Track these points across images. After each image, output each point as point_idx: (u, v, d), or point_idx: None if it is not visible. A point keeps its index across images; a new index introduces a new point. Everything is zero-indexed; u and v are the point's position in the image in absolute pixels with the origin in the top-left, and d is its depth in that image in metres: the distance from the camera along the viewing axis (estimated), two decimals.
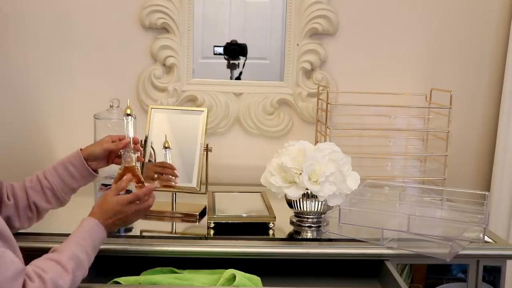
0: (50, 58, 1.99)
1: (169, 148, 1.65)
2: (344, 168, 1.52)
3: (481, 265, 1.46)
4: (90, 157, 1.40)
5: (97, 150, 1.41)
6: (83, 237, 1.19)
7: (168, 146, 1.65)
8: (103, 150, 1.40)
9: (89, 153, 1.40)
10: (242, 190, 1.83)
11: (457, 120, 2.01)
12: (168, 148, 1.65)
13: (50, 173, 1.39)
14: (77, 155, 1.40)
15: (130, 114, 1.43)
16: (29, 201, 1.37)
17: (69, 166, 1.39)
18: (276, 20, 2.06)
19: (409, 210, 1.51)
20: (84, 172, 1.40)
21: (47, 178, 1.38)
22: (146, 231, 1.55)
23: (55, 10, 1.97)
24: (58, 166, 1.40)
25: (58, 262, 1.11)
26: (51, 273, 1.08)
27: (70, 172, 1.39)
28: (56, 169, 1.39)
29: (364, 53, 2.05)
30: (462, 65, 2.08)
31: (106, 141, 1.42)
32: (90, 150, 1.41)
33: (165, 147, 1.65)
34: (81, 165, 1.39)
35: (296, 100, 2.05)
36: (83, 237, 1.19)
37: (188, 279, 1.32)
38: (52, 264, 1.10)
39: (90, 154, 1.40)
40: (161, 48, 1.98)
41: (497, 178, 2.02)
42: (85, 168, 1.40)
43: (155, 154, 1.66)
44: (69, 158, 1.41)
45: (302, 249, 1.44)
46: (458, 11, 2.05)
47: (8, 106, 2.01)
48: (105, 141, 1.42)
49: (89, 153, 1.40)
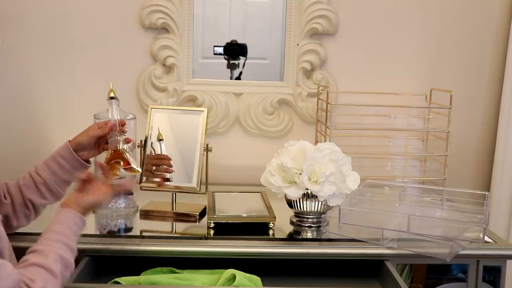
0: (50, 58, 1.99)
1: (163, 140, 1.65)
2: (344, 168, 1.52)
3: (481, 265, 1.46)
4: (79, 147, 1.39)
5: (85, 139, 1.40)
6: (67, 234, 1.17)
7: (162, 138, 1.65)
8: (90, 137, 1.40)
9: (77, 143, 1.39)
10: (242, 190, 1.83)
11: (457, 120, 2.01)
12: (161, 141, 1.65)
13: (42, 168, 1.38)
14: (66, 147, 1.39)
15: (114, 97, 1.43)
16: (24, 199, 1.36)
17: (60, 159, 1.38)
18: (276, 20, 2.06)
19: (409, 210, 1.51)
20: (75, 163, 1.39)
21: (39, 174, 1.37)
22: (146, 231, 1.55)
23: (55, 10, 1.97)
24: (49, 160, 1.39)
25: (45, 268, 1.08)
26: (39, 281, 1.05)
27: (61, 165, 1.38)
28: (47, 164, 1.38)
29: (364, 53, 2.05)
30: (462, 65, 2.08)
31: (93, 128, 1.41)
32: (78, 140, 1.40)
33: (159, 140, 1.65)
34: (71, 156, 1.38)
35: (296, 100, 2.05)
36: (66, 234, 1.17)
37: (188, 279, 1.32)
38: (39, 271, 1.07)
39: (78, 144, 1.39)
40: (161, 48, 1.98)
41: (497, 178, 2.02)
42: (75, 159, 1.39)
43: (155, 153, 1.66)
44: (59, 151, 1.39)
45: (302, 249, 1.44)
46: (458, 11, 2.05)
47: (8, 106, 2.01)
48: (92, 129, 1.41)
49: (77, 143, 1.39)
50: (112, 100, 1.42)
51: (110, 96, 1.42)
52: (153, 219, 1.63)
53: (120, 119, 1.42)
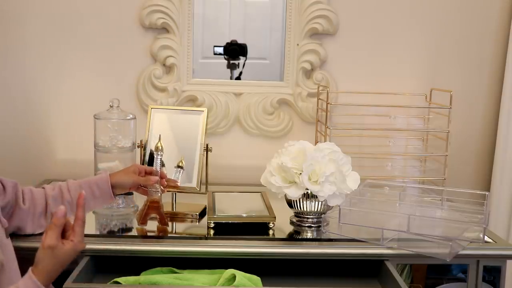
0: (50, 58, 1.99)
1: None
2: (344, 168, 1.52)
3: (481, 265, 1.46)
4: (118, 186, 1.45)
5: (126, 182, 1.46)
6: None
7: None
8: (132, 182, 1.46)
9: (118, 182, 1.45)
10: (242, 190, 1.83)
11: (457, 120, 2.01)
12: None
13: (75, 188, 1.41)
14: (105, 180, 1.43)
15: (160, 149, 1.50)
16: (47, 209, 1.39)
17: (95, 188, 1.42)
18: (276, 20, 2.06)
19: (409, 210, 1.51)
20: (106, 196, 1.44)
21: (70, 192, 1.41)
22: (146, 231, 1.55)
23: (55, 10, 1.97)
24: (84, 185, 1.42)
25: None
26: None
27: (93, 193, 1.42)
28: (81, 187, 1.42)
29: (364, 53, 2.05)
30: (462, 65, 2.08)
31: (134, 172, 1.47)
32: (120, 180, 1.45)
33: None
34: (106, 190, 1.43)
35: (296, 100, 2.05)
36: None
37: (188, 279, 1.32)
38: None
39: (118, 183, 1.45)
40: (161, 48, 1.98)
41: (497, 178, 2.02)
42: (109, 193, 1.44)
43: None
44: (97, 180, 1.44)
45: (302, 249, 1.44)
46: (458, 11, 2.05)
47: (8, 106, 2.01)
48: (133, 173, 1.47)
49: (118, 182, 1.45)
50: (158, 152, 1.50)
51: (157, 146, 1.51)
52: (153, 219, 1.63)
53: (161, 172, 1.50)
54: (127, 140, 1.65)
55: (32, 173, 1.99)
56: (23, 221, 1.36)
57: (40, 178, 1.97)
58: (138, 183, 1.47)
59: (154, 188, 1.49)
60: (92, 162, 1.66)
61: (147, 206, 1.50)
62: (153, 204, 1.50)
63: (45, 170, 2.03)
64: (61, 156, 2.05)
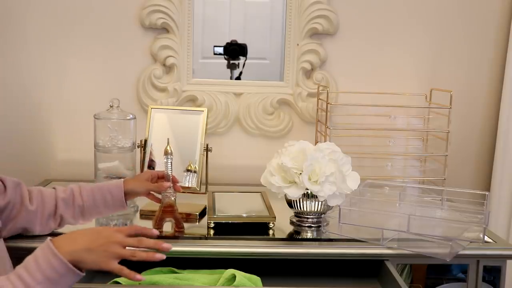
0: (50, 58, 1.99)
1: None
2: (344, 168, 1.52)
3: (481, 265, 1.45)
4: (130, 193, 1.44)
5: (139, 189, 1.45)
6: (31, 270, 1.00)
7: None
8: (145, 189, 1.46)
9: (131, 190, 1.44)
10: (242, 190, 1.83)
11: (457, 120, 2.01)
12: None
13: (87, 193, 1.40)
14: (119, 188, 1.42)
15: (169, 153, 1.48)
16: (56, 211, 1.38)
17: (107, 194, 1.41)
18: (276, 20, 2.06)
19: (409, 210, 1.51)
20: (118, 203, 1.43)
21: (82, 196, 1.40)
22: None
23: (55, 9, 1.97)
24: (97, 190, 1.42)
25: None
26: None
27: (105, 200, 1.41)
28: (93, 192, 1.41)
29: (364, 53, 2.05)
30: (462, 65, 2.08)
31: (147, 179, 1.46)
32: (133, 187, 1.44)
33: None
34: (119, 197, 1.42)
35: (296, 100, 2.05)
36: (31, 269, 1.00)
37: (188, 279, 1.32)
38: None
39: (132, 191, 1.44)
40: (161, 48, 1.98)
41: (497, 178, 2.02)
42: (122, 202, 1.43)
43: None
44: (110, 187, 1.43)
45: (302, 249, 1.44)
46: (458, 11, 2.05)
47: (8, 106, 2.01)
48: (146, 180, 1.46)
49: (131, 190, 1.44)
50: (169, 156, 1.48)
51: (167, 150, 1.48)
52: (153, 219, 1.63)
53: (173, 177, 1.49)
54: (127, 140, 1.65)
55: (32, 173, 1.99)
56: (31, 222, 1.34)
57: (40, 178, 1.98)
58: (151, 190, 1.48)
59: (167, 194, 1.49)
60: (92, 162, 1.66)
61: (162, 211, 1.50)
62: (168, 208, 1.50)
63: (45, 170, 2.03)
64: (61, 156, 2.05)
